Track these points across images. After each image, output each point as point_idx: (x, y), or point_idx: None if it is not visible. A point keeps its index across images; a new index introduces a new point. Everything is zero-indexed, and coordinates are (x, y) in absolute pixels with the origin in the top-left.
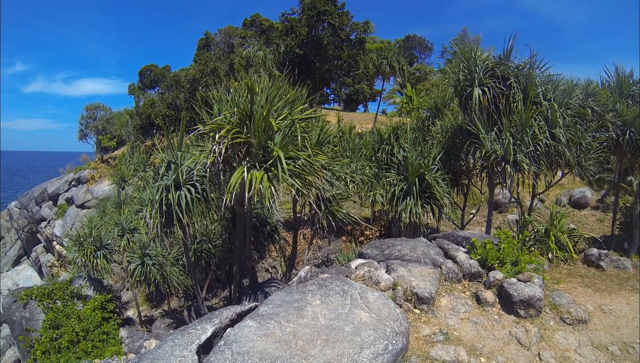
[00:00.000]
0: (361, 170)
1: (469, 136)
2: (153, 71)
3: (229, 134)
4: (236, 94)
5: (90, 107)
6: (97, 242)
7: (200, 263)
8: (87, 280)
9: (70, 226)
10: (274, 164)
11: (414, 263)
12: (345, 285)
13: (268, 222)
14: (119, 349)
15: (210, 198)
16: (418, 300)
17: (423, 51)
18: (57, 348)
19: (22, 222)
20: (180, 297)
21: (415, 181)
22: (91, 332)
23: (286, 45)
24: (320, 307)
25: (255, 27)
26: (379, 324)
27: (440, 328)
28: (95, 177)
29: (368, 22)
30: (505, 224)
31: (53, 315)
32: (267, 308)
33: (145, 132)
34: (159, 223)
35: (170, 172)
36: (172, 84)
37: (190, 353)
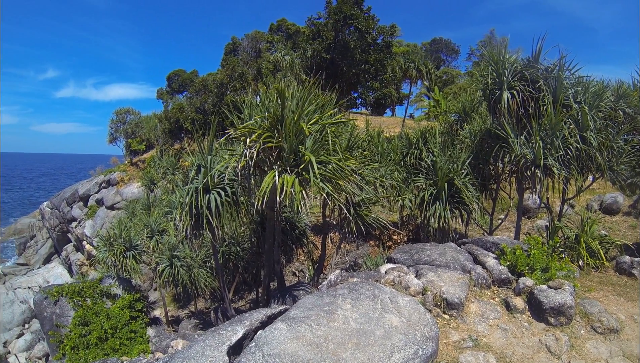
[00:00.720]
0: (390, 174)
1: (497, 140)
2: (181, 76)
3: (261, 139)
4: (266, 99)
5: (119, 111)
6: (126, 242)
7: (228, 266)
8: (116, 280)
9: (100, 226)
10: (306, 168)
11: (443, 268)
12: (376, 290)
13: (297, 226)
14: (146, 347)
15: (240, 201)
16: (447, 306)
17: (450, 54)
18: (86, 345)
19: (53, 221)
20: (207, 299)
21: (445, 186)
22: (119, 330)
23: (313, 49)
24: (351, 311)
25: (282, 31)
26: (410, 329)
27: (469, 334)
28: (124, 179)
29: (394, 26)
30: (534, 230)
31: (83, 312)
32: (298, 311)
33: (173, 135)
34: (188, 226)
35: (200, 175)
36: (200, 88)
37: (221, 354)
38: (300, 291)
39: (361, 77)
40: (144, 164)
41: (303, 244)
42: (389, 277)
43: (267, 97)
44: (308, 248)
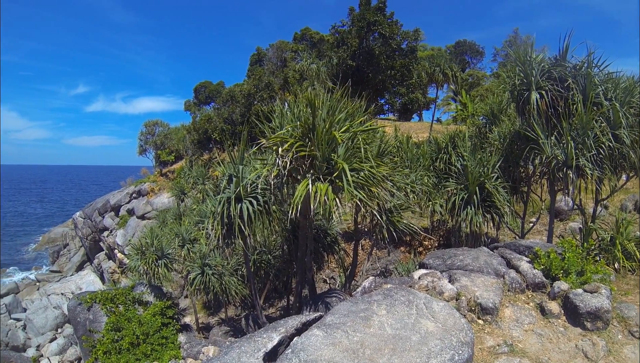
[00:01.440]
0: (420, 180)
1: (527, 142)
2: (208, 87)
3: (293, 147)
4: (295, 107)
5: (148, 123)
6: (158, 251)
7: (260, 274)
8: (148, 287)
9: (131, 235)
10: (339, 176)
11: (476, 273)
12: (410, 295)
13: (328, 233)
14: (177, 353)
15: (272, 210)
16: (482, 311)
17: (474, 56)
18: (118, 350)
19: (86, 231)
20: (237, 306)
21: (476, 190)
22: (151, 336)
23: (338, 57)
24: (386, 317)
25: (306, 40)
26: (445, 334)
27: (504, 339)
28: (154, 189)
29: (418, 30)
30: (567, 233)
31: (115, 318)
32: (333, 317)
33: (202, 146)
34: (220, 235)
35: (231, 185)
36: (227, 99)
37: (256, 360)
38: (332, 298)
39: (387, 83)
40: (173, 175)
41: (334, 251)
42: (422, 283)
43: (297, 106)
44: (339, 255)
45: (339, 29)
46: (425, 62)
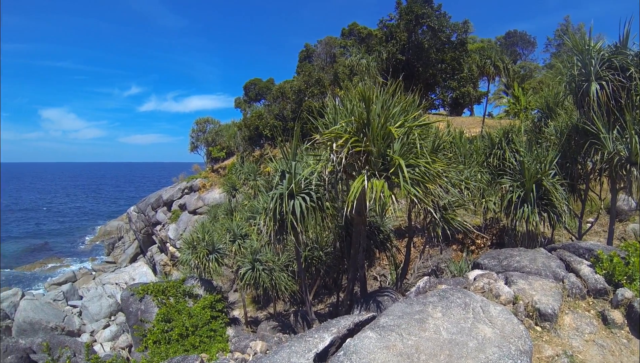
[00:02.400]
0: (474, 176)
1: (586, 136)
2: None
3: (348, 143)
4: (348, 102)
5: (200, 121)
6: (209, 246)
7: (310, 270)
8: (199, 281)
9: (182, 230)
10: (395, 172)
11: (534, 275)
12: (467, 298)
13: (381, 230)
14: (225, 346)
15: (325, 206)
16: (540, 317)
17: (526, 47)
18: (167, 340)
19: (139, 224)
20: (286, 301)
21: (532, 187)
22: (200, 328)
23: (387, 51)
24: (442, 320)
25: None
26: (504, 341)
27: (563, 349)
28: (206, 185)
29: (467, 22)
30: (628, 235)
31: (166, 309)
32: (387, 319)
33: (253, 142)
34: (272, 231)
35: (284, 181)
36: (278, 95)
37: (307, 361)
38: (384, 297)
39: (438, 77)
40: (224, 171)
41: (387, 248)
42: (478, 284)
43: (350, 101)
44: (391, 252)
45: (387, 23)
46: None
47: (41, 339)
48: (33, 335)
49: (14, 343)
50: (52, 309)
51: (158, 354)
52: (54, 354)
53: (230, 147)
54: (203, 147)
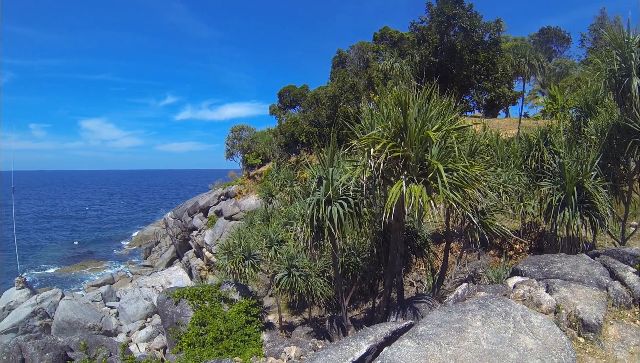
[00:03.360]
0: (512, 179)
1: (629, 135)
2: (292, 91)
3: (386, 148)
4: (384, 107)
5: (235, 128)
6: (245, 251)
7: (347, 276)
8: (234, 286)
9: (218, 235)
10: (433, 177)
11: (576, 283)
12: (507, 306)
13: (418, 236)
14: (259, 351)
15: (363, 212)
16: (583, 327)
17: (560, 43)
18: (202, 343)
19: (176, 230)
20: (321, 307)
21: (574, 190)
22: (234, 332)
23: (420, 54)
24: (481, 329)
25: (386, 39)
26: (546, 353)
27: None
28: (242, 191)
29: (499, 21)
30: None
31: (201, 313)
32: (425, 327)
33: (289, 148)
34: (309, 237)
35: (321, 187)
36: (312, 102)
37: None
38: (421, 304)
39: (472, 79)
40: (260, 177)
41: (424, 254)
42: (518, 292)
43: (386, 105)
44: (429, 258)
45: (418, 26)
46: (509, 53)
47: (79, 338)
48: (71, 334)
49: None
50: (90, 309)
51: (192, 357)
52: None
53: (266, 153)
54: (239, 154)
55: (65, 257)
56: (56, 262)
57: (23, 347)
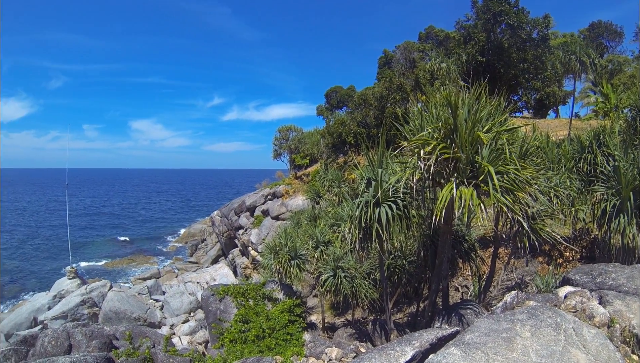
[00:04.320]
0: (563, 183)
1: None
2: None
3: (437, 150)
4: (433, 108)
5: (282, 128)
6: (292, 251)
7: (392, 279)
8: (279, 285)
9: (264, 235)
10: (484, 179)
11: (632, 296)
12: (558, 317)
13: (466, 239)
14: (300, 350)
15: (411, 214)
16: (638, 344)
17: (612, 38)
18: (243, 340)
19: (222, 228)
20: (365, 309)
21: (630, 195)
22: (277, 331)
23: (467, 53)
24: (530, 340)
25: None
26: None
27: None
28: (289, 192)
29: (548, 17)
30: None
31: (244, 311)
32: (472, 335)
33: (337, 149)
34: (357, 239)
35: (370, 188)
36: (360, 102)
37: None
38: (467, 310)
39: (521, 78)
40: (308, 178)
41: (471, 259)
42: (569, 303)
43: (435, 106)
44: (475, 263)
45: (464, 24)
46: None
47: (124, 328)
48: (117, 324)
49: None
50: (136, 301)
51: (233, 353)
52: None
53: (313, 154)
54: (286, 155)
55: (114, 251)
56: (105, 255)
57: (71, 333)
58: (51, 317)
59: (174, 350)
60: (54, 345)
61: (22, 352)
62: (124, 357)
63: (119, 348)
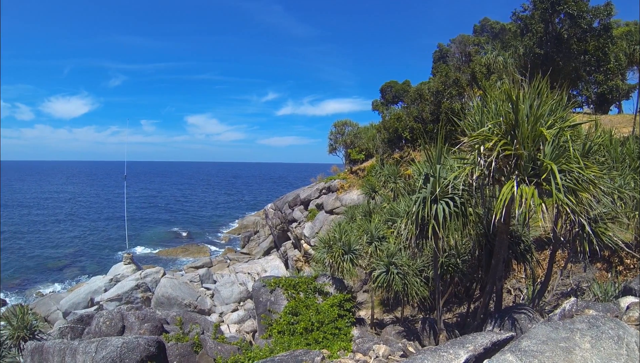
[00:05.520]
0: (627, 184)
1: None
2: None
3: (498, 146)
4: (492, 103)
5: (338, 123)
6: (345, 246)
7: (445, 277)
8: (330, 279)
9: (318, 229)
10: (546, 178)
11: None
12: (620, 330)
13: (522, 240)
14: (347, 345)
15: (468, 212)
16: None
17: None
18: (292, 332)
19: (275, 221)
20: (414, 307)
21: None
22: (325, 325)
23: (524, 46)
24: (590, 353)
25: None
26: None
27: None
28: (344, 186)
29: (609, 4)
30: None
31: (295, 303)
32: (530, 343)
33: (392, 144)
34: (413, 235)
35: (428, 184)
36: (415, 97)
37: None
38: (521, 315)
39: (581, 71)
40: (363, 172)
41: (526, 260)
42: (632, 315)
43: (495, 101)
44: (531, 265)
45: (520, 15)
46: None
47: (175, 313)
48: (168, 309)
49: (151, 313)
50: (187, 288)
51: (281, 344)
52: (184, 328)
53: (369, 149)
54: (342, 149)
55: (168, 241)
56: (160, 244)
57: (125, 315)
58: (106, 299)
59: (223, 337)
60: (109, 325)
61: (78, 329)
62: (173, 340)
63: (169, 332)
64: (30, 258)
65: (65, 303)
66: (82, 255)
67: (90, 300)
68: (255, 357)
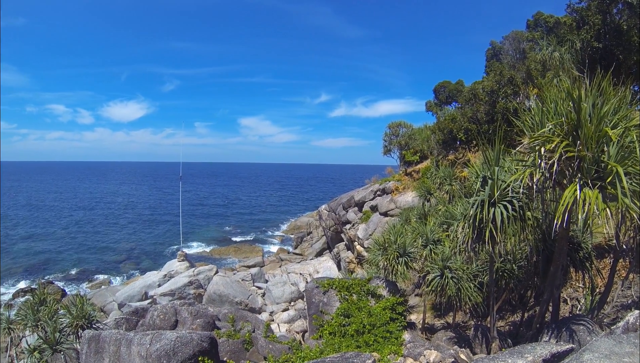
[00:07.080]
0: None
1: None
2: (447, 87)
3: (559, 148)
4: (551, 102)
5: (392, 124)
6: (400, 248)
7: (500, 283)
8: (384, 281)
9: (372, 230)
10: (611, 181)
11: None
12: None
13: (582, 247)
14: (398, 350)
15: (527, 217)
16: None
17: None
18: (343, 333)
19: (329, 222)
20: (466, 313)
21: None
22: (376, 328)
23: (581, 40)
24: None
25: (541, 26)
26: None
27: None
28: (399, 188)
29: None
30: None
31: (347, 305)
32: (591, 356)
33: (447, 146)
34: (469, 239)
35: (486, 187)
36: (469, 97)
37: None
38: (579, 326)
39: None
40: (418, 174)
41: (586, 268)
42: None
43: (553, 100)
44: (590, 274)
45: (575, 7)
46: None
47: (227, 310)
48: (220, 306)
49: (204, 309)
50: (239, 287)
51: (331, 345)
52: (236, 325)
53: (423, 150)
54: (396, 151)
55: (221, 240)
56: (214, 243)
57: (178, 310)
58: (160, 294)
59: (274, 336)
60: (162, 319)
61: (133, 321)
62: (224, 337)
63: (220, 328)
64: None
65: (121, 296)
66: (138, 251)
67: (145, 294)
68: (305, 357)
